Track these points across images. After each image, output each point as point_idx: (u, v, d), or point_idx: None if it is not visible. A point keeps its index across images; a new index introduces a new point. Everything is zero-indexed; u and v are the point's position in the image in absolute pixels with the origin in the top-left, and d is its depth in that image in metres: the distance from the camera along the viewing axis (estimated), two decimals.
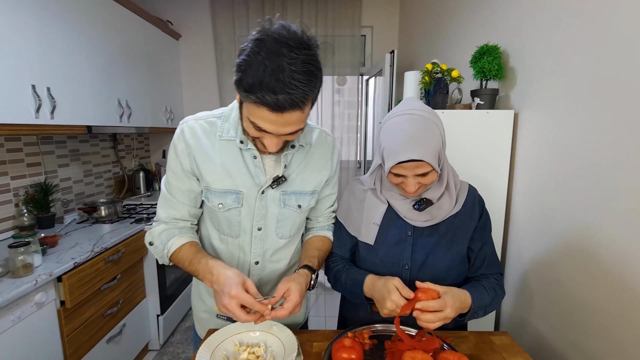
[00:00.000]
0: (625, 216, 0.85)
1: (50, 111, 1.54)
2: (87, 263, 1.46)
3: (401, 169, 0.76)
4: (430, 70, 1.33)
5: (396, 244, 0.88)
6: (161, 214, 0.87)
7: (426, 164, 0.75)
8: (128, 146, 2.78)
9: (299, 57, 0.61)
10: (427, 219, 0.84)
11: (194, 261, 0.80)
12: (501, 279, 0.89)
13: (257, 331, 0.83)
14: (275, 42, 0.61)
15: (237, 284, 0.71)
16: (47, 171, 1.92)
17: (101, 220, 1.97)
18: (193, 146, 0.82)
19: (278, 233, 0.89)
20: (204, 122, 0.84)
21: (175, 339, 2.22)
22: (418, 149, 0.73)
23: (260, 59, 0.60)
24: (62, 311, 1.35)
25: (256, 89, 0.61)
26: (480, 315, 0.82)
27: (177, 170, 0.84)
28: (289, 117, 0.65)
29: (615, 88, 0.87)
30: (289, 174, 0.86)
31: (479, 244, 0.88)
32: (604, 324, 0.91)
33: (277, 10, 2.97)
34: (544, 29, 1.14)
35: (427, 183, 0.79)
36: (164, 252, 0.84)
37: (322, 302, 2.76)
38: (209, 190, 0.84)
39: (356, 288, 0.86)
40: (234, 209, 0.84)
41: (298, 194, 0.88)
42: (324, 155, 0.91)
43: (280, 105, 0.62)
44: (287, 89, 0.60)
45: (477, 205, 0.88)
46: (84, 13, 1.77)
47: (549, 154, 1.12)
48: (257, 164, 0.83)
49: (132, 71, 2.23)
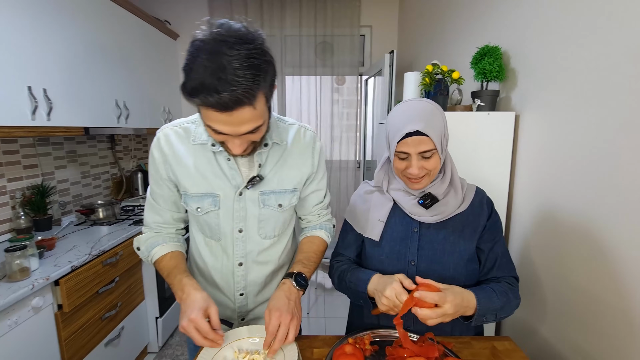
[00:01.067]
0: (627, 216, 0.84)
1: (46, 113, 1.53)
2: (85, 266, 1.45)
3: (405, 145, 0.78)
4: (431, 71, 1.32)
5: (402, 240, 0.88)
6: (147, 220, 0.91)
7: (429, 141, 0.77)
8: (126, 147, 2.76)
9: (240, 53, 0.59)
10: (433, 214, 0.84)
11: (170, 275, 0.82)
12: (516, 284, 0.86)
13: (257, 337, 0.82)
14: (214, 42, 0.59)
15: (200, 309, 0.72)
16: (44, 173, 1.90)
17: (99, 222, 1.96)
18: (168, 153, 0.83)
19: (261, 234, 0.89)
20: (179, 129, 0.85)
21: (175, 340, 2.21)
22: (421, 123, 0.77)
23: (200, 61, 0.59)
24: (59, 315, 1.34)
25: (198, 92, 0.59)
26: (490, 320, 0.80)
27: (156, 177, 0.86)
28: (240, 115, 0.62)
29: (615, 90, 0.86)
30: (266, 173, 0.85)
31: (489, 244, 0.87)
32: (609, 327, 0.91)
33: (276, 10, 2.96)
34: (545, 31, 1.13)
35: (430, 168, 0.80)
36: (148, 258, 0.88)
37: (322, 304, 2.75)
38: (187, 195, 0.85)
39: (360, 287, 0.85)
40: (211, 212, 0.85)
41: (277, 193, 0.87)
42: (303, 151, 0.89)
43: (225, 104, 0.59)
44: (230, 87, 0.58)
45: (486, 205, 0.88)
46: (80, 13, 1.76)
47: (549, 156, 1.11)
48: (231, 166, 0.82)
49: (130, 72, 2.22)
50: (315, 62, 3.09)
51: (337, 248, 1.02)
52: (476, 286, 0.83)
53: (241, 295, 0.92)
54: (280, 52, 3.05)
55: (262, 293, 0.95)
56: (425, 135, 0.77)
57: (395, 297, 0.74)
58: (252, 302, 0.94)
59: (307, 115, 3.18)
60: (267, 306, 0.77)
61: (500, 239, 0.88)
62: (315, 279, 3.03)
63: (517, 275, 0.89)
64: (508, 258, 0.88)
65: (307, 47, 3.06)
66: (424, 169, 0.80)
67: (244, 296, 0.93)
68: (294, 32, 3.02)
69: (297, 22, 2.99)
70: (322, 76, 3.12)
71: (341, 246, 1.00)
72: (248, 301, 0.94)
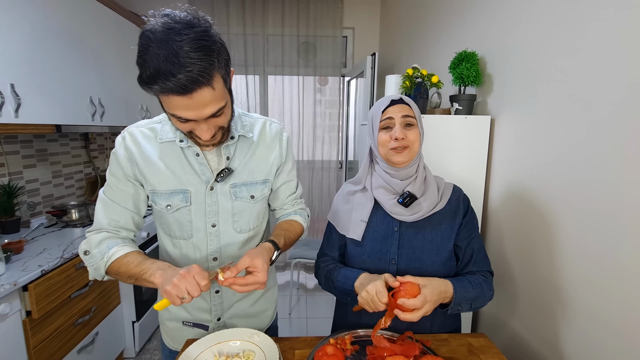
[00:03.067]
0: (593, 214, 0.89)
1: (14, 109, 1.45)
2: (56, 270, 1.39)
3: (389, 112, 0.86)
4: (411, 75, 1.35)
5: (383, 239, 0.91)
6: (102, 221, 0.82)
7: (408, 109, 0.87)
8: (101, 145, 2.66)
9: (188, 36, 0.60)
10: (412, 213, 0.87)
11: (144, 262, 0.76)
12: (490, 277, 0.91)
13: (237, 340, 0.81)
14: (162, 31, 0.61)
15: (187, 267, 0.69)
16: (11, 172, 1.80)
17: (72, 224, 1.88)
18: (134, 151, 0.81)
19: (236, 227, 0.88)
20: (145, 129, 0.84)
21: (152, 345, 2.15)
22: (403, 97, 0.88)
23: (152, 50, 0.60)
24: (28, 322, 1.28)
25: (155, 79, 0.60)
26: (465, 309, 0.84)
27: (119, 175, 0.83)
28: (200, 97, 0.64)
29: (586, 95, 0.91)
30: (235, 166, 0.86)
31: (465, 240, 0.90)
32: (575, 319, 0.96)
33: (258, 9, 2.93)
34: (519, 38, 1.18)
35: (412, 138, 0.85)
36: (101, 261, 0.78)
37: (304, 304, 2.75)
38: (155, 193, 0.83)
39: (348, 285, 0.87)
40: (182, 208, 0.84)
41: (249, 185, 0.88)
42: (270, 143, 0.91)
43: (184, 86, 0.61)
44: (185, 69, 0.59)
45: (462, 203, 0.92)
46: (51, 7, 1.68)
47: (522, 158, 1.16)
48: (200, 161, 0.83)
49: (105, 68, 2.14)
50: (298, 62, 3.08)
51: (322, 249, 1.03)
52: (453, 277, 0.87)
53: (217, 292, 0.91)
54: (262, 52, 3.03)
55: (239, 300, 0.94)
56: (407, 105, 0.87)
57: (375, 294, 0.77)
58: (227, 300, 0.93)
59: (289, 115, 3.17)
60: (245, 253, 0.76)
61: (476, 235, 0.92)
62: (297, 280, 3.03)
63: (492, 270, 0.93)
64: (484, 253, 0.92)
65: (290, 47, 3.05)
66: (407, 137, 0.85)
67: (220, 294, 0.92)
68: (277, 32, 3.00)
69: (280, 22, 2.98)
70: (304, 76, 3.12)
71: (326, 247, 1.02)
72: (223, 299, 0.93)
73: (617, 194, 0.83)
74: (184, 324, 0.92)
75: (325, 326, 2.46)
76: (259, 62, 3.04)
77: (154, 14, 0.64)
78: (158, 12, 0.64)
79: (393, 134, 0.85)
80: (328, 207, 3.30)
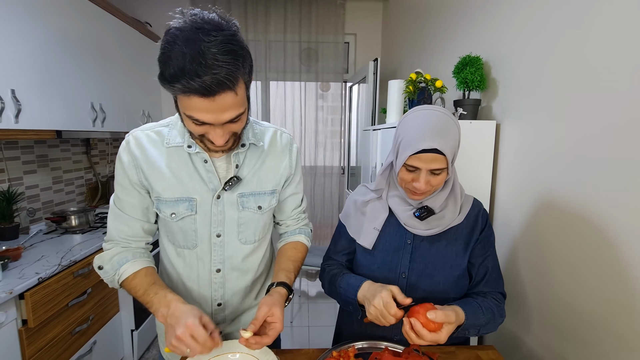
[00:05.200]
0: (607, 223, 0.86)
1: (14, 115, 1.44)
2: (54, 278, 1.36)
3: (417, 160, 0.76)
4: (415, 79, 1.33)
5: (395, 251, 0.87)
6: (112, 232, 0.82)
7: (441, 159, 0.75)
8: (102, 151, 2.65)
9: (217, 39, 0.59)
10: (428, 228, 0.83)
11: (149, 291, 0.76)
12: (502, 301, 0.86)
13: (237, 353, 0.78)
14: (190, 30, 0.59)
15: (195, 316, 0.68)
16: (10, 178, 1.79)
17: (71, 231, 1.86)
18: (139, 157, 0.79)
19: (241, 238, 0.86)
20: (151, 132, 0.81)
21: (151, 354, 2.12)
22: (439, 140, 0.73)
23: (178, 48, 0.59)
24: (24, 331, 1.25)
25: (179, 78, 0.58)
26: (472, 334, 0.80)
27: (125, 183, 0.80)
28: (222, 100, 0.62)
29: (592, 99, 0.89)
30: (244, 175, 0.83)
31: (479, 258, 0.86)
32: (592, 337, 0.92)
33: (260, 15, 2.95)
34: (524, 42, 1.16)
35: (435, 185, 0.79)
36: (114, 277, 0.79)
37: (306, 312, 2.71)
38: (160, 201, 0.80)
39: (350, 293, 0.83)
40: (187, 217, 0.81)
41: (257, 195, 0.85)
42: (281, 153, 0.88)
43: (208, 88, 0.59)
44: (211, 71, 0.58)
45: (480, 219, 0.87)
46: (53, 11, 1.68)
47: (530, 163, 1.14)
48: (208, 168, 0.80)
49: (107, 74, 2.14)
50: (299, 68, 3.08)
51: (329, 252, 1.00)
52: (464, 300, 0.83)
53: (219, 305, 0.89)
54: (264, 57, 3.03)
55: (241, 304, 0.92)
56: (440, 154, 0.74)
57: (383, 307, 0.73)
58: (230, 314, 0.91)
59: (291, 121, 3.17)
60: (261, 301, 0.76)
61: (491, 254, 0.88)
62: (299, 287, 2.99)
63: (504, 292, 0.89)
64: (498, 274, 0.88)
65: (292, 53, 3.06)
66: (429, 184, 0.78)
67: (222, 307, 0.89)
68: (279, 38, 3.01)
69: (282, 28, 2.99)
70: (306, 82, 3.12)
71: (333, 250, 0.99)
72: (226, 313, 0.90)
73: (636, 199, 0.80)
74: None
75: (327, 335, 2.41)
76: (260, 68, 3.04)
77: (182, 11, 0.63)
78: (186, 10, 0.63)
79: (415, 182, 0.78)
80: (330, 213, 3.27)
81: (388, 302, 0.73)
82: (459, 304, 0.78)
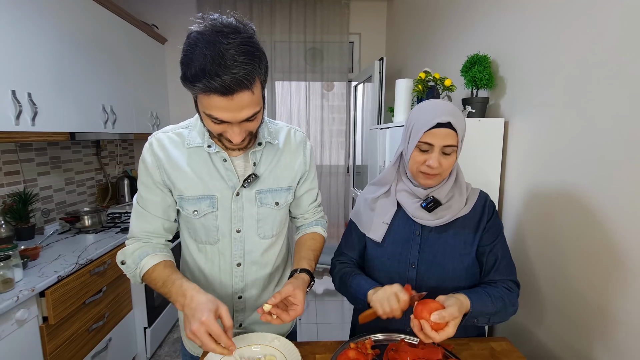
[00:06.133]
0: (619, 217, 0.88)
1: (31, 117, 1.48)
2: (72, 276, 1.40)
3: (431, 136, 0.80)
4: (424, 78, 1.35)
5: (404, 243, 0.90)
6: (134, 229, 0.86)
7: (454, 136, 0.80)
8: (112, 153, 2.69)
9: (235, 41, 0.63)
10: (436, 218, 0.86)
11: (167, 282, 0.78)
12: (515, 290, 0.86)
13: (259, 345, 0.81)
14: (211, 33, 0.63)
15: (210, 310, 0.68)
16: (26, 180, 1.83)
17: (84, 230, 1.89)
18: (162, 158, 0.83)
19: (259, 233, 0.89)
20: (172, 134, 0.85)
21: (163, 351, 2.15)
22: (452, 117, 0.79)
23: (199, 50, 0.62)
24: (44, 328, 1.29)
25: (200, 77, 0.62)
26: (482, 322, 0.82)
27: (148, 183, 0.84)
28: (240, 99, 0.66)
29: (600, 97, 0.91)
30: (261, 172, 0.87)
31: (488, 246, 0.88)
32: (605, 329, 0.93)
33: (265, 16, 2.97)
34: (532, 40, 1.18)
35: (446, 166, 0.82)
36: (136, 271, 0.82)
37: (314, 309, 2.73)
38: (183, 199, 0.84)
39: (360, 293, 0.86)
40: (209, 214, 0.85)
41: (274, 191, 0.89)
42: (295, 150, 0.92)
43: (228, 87, 0.63)
44: (230, 71, 0.62)
45: (487, 208, 0.90)
46: (66, 17, 1.71)
47: (539, 159, 1.15)
48: (227, 167, 0.83)
49: (117, 76, 2.17)
50: (305, 68, 3.11)
51: (340, 247, 1.03)
52: (472, 289, 0.84)
53: (239, 298, 0.92)
54: (270, 58, 3.05)
55: (261, 297, 0.95)
56: (453, 130, 0.79)
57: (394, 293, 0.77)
58: (250, 306, 0.94)
59: (296, 120, 3.19)
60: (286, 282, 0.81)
61: (500, 241, 0.89)
62: None
63: (517, 280, 0.89)
64: (509, 261, 0.89)
65: (297, 53, 3.08)
66: (441, 166, 0.81)
67: (242, 300, 0.92)
68: (284, 38, 3.04)
69: (287, 29, 3.01)
70: (311, 82, 3.14)
71: (344, 245, 1.02)
72: (246, 305, 0.93)
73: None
74: None
75: (336, 332, 2.44)
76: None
77: (202, 16, 0.67)
78: (206, 15, 0.67)
79: (428, 160, 0.81)
80: (336, 212, 3.29)
81: (401, 289, 0.77)
82: (465, 292, 0.80)
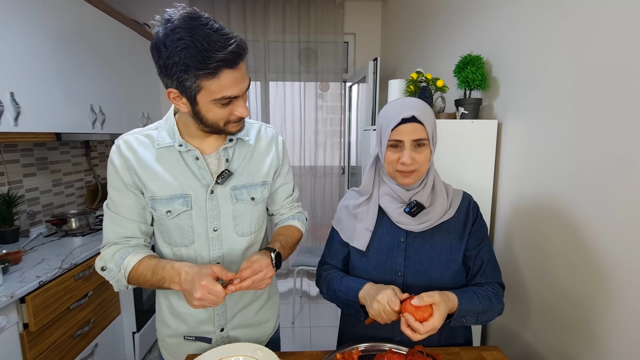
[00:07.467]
0: (609, 219, 0.86)
1: (14, 118, 1.44)
2: (55, 281, 1.36)
3: (399, 133, 0.79)
4: (416, 79, 1.33)
5: (389, 251, 0.87)
6: (109, 236, 0.83)
7: (422, 130, 0.79)
8: (102, 153, 2.65)
9: (209, 20, 0.66)
10: (420, 222, 0.84)
11: (157, 269, 0.77)
12: (500, 290, 0.86)
13: (240, 356, 0.78)
14: (189, 20, 0.64)
15: (206, 274, 0.70)
16: (10, 181, 1.78)
17: (71, 233, 1.85)
18: (131, 159, 0.80)
19: (237, 231, 0.87)
20: (140, 136, 0.83)
21: (153, 356, 2.11)
22: (416, 111, 0.79)
23: (186, 41, 0.63)
24: (25, 335, 1.24)
25: (208, 57, 0.64)
26: (470, 321, 0.80)
27: (119, 186, 0.81)
28: (242, 67, 0.70)
29: (592, 98, 0.89)
30: (235, 168, 0.86)
31: (474, 250, 0.87)
32: (591, 331, 0.92)
33: (259, 15, 2.94)
34: (525, 41, 1.16)
35: (420, 161, 0.80)
36: (120, 273, 0.79)
37: (307, 313, 2.70)
38: (155, 199, 0.81)
39: (351, 295, 0.84)
40: (183, 213, 0.82)
41: (249, 187, 0.87)
42: (267, 146, 0.92)
43: (236, 53, 0.66)
44: (227, 42, 0.65)
45: (471, 211, 0.88)
46: (52, 14, 1.67)
47: (532, 162, 1.14)
48: (200, 165, 0.82)
49: (106, 75, 2.13)
50: (299, 68, 3.08)
51: (324, 257, 1.00)
52: (458, 289, 0.83)
53: None
54: (263, 58, 3.03)
55: (242, 298, 0.92)
56: (419, 123, 0.79)
57: (387, 303, 0.74)
58: (231, 309, 0.91)
59: (291, 121, 3.16)
60: None
61: (485, 245, 0.88)
62: (300, 287, 2.98)
63: (502, 283, 0.89)
64: (494, 264, 0.88)
65: (291, 53, 3.05)
66: (415, 161, 0.80)
67: (223, 302, 0.88)
68: (278, 38, 3.00)
69: (281, 28, 2.98)
70: (305, 82, 3.11)
71: (327, 255, 0.99)
72: (227, 308, 0.90)
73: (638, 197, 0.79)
74: (185, 338, 0.89)
75: (329, 336, 2.41)
76: (260, 69, 3.03)
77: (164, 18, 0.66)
78: (160, 18, 0.67)
79: (401, 157, 0.80)
80: (331, 213, 3.26)
81: (393, 299, 0.74)
82: (453, 291, 0.79)
